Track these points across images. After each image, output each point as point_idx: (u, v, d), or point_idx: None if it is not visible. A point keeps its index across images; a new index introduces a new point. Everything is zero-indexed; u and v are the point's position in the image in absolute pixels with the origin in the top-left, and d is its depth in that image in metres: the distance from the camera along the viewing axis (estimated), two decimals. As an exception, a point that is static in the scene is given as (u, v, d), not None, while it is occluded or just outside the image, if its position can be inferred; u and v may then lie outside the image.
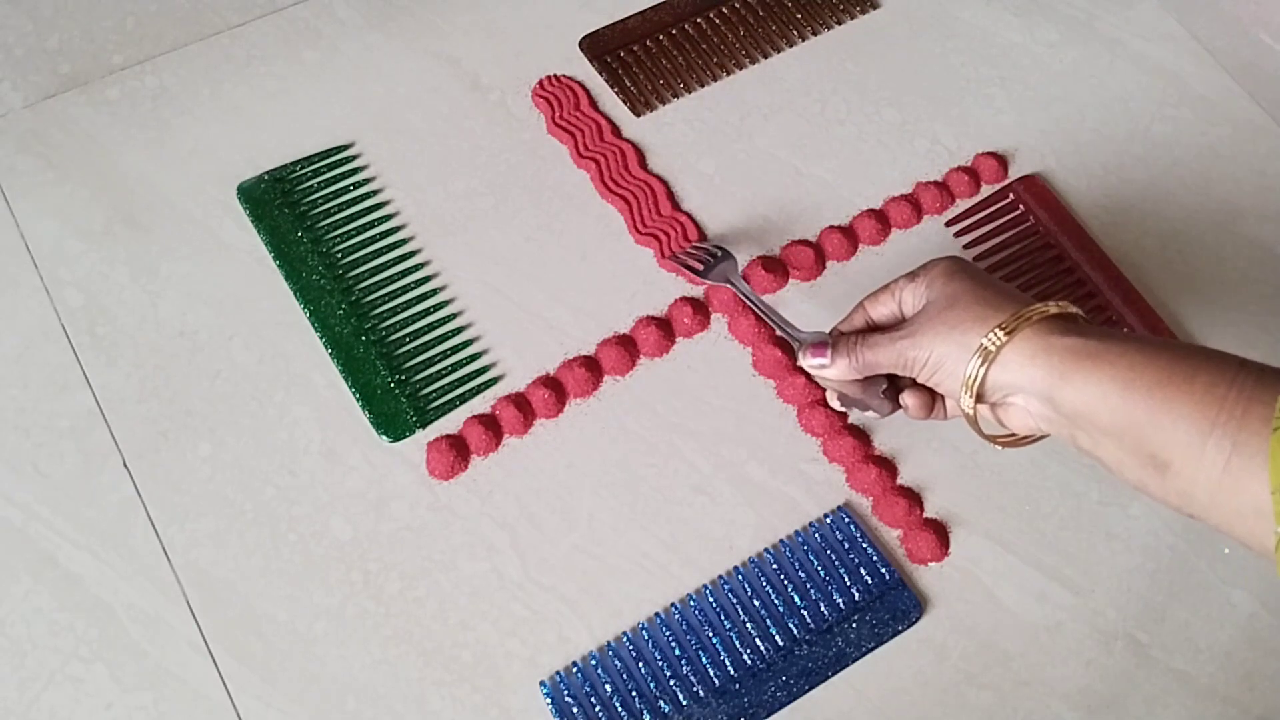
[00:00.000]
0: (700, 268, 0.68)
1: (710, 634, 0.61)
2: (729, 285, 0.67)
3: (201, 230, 0.70)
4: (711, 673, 0.60)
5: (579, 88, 0.77)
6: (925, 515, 0.65)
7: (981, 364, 0.52)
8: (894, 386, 0.59)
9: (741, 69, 0.79)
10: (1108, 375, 0.48)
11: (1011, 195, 0.75)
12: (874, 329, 0.58)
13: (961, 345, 0.53)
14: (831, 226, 0.73)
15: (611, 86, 0.77)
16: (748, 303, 0.65)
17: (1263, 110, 0.80)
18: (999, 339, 0.51)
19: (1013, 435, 0.55)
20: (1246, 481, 0.44)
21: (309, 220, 0.70)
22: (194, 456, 0.63)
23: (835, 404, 0.60)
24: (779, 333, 0.65)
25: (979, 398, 0.53)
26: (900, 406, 0.58)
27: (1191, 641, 0.63)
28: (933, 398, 0.58)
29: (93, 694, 0.57)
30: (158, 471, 0.63)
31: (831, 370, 0.58)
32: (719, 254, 0.68)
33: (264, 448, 0.64)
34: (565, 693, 0.59)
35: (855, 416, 0.63)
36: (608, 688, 0.59)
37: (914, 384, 0.58)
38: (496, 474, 0.64)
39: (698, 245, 0.71)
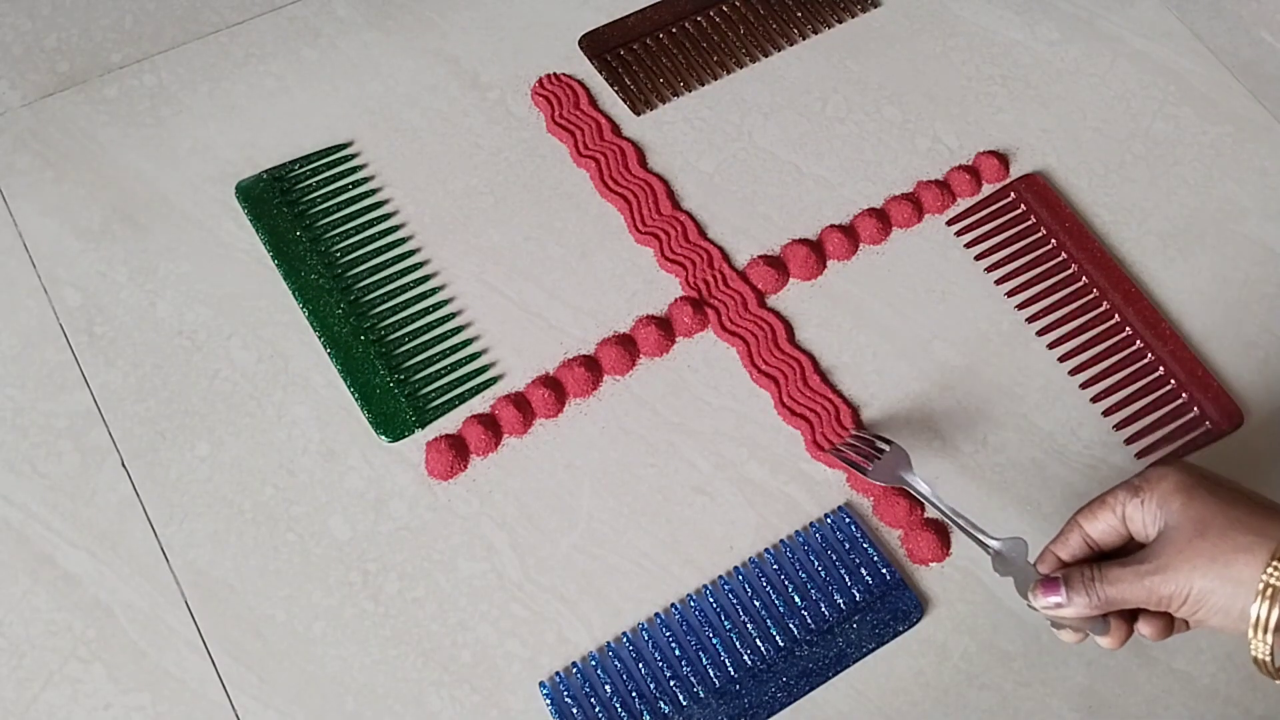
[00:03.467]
0: (867, 466, 0.61)
1: (710, 634, 0.60)
2: (906, 487, 0.60)
3: (200, 229, 0.70)
4: (711, 673, 0.59)
5: (579, 86, 0.77)
6: (926, 515, 0.65)
7: (1270, 605, 0.47)
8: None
9: (742, 67, 0.79)
10: None
11: (1013, 194, 0.75)
12: (1096, 551, 0.53)
13: (1228, 580, 0.48)
14: (832, 225, 0.73)
15: (611, 85, 0.77)
16: (929, 504, 0.59)
17: (1264, 109, 0.80)
18: None
19: None
20: None
21: (308, 219, 0.70)
22: (192, 456, 0.63)
23: (1063, 636, 0.55)
24: (965, 534, 0.57)
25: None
26: (1132, 630, 0.53)
27: (1193, 642, 0.63)
28: (1171, 620, 0.52)
29: (91, 694, 0.57)
30: (156, 471, 0.63)
31: (1068, 610, 0.52)
32: (886, 447, 0.62)
33: (262, 447, 0.64)
34: (565, 693, 0.59)
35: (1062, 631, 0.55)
36: (607, 688, 0.59)
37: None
38: (496, 474, 0.64)
39: (858, 435, 0.64)
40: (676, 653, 0.60)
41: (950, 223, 0.74)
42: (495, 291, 0.70)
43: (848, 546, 0.63)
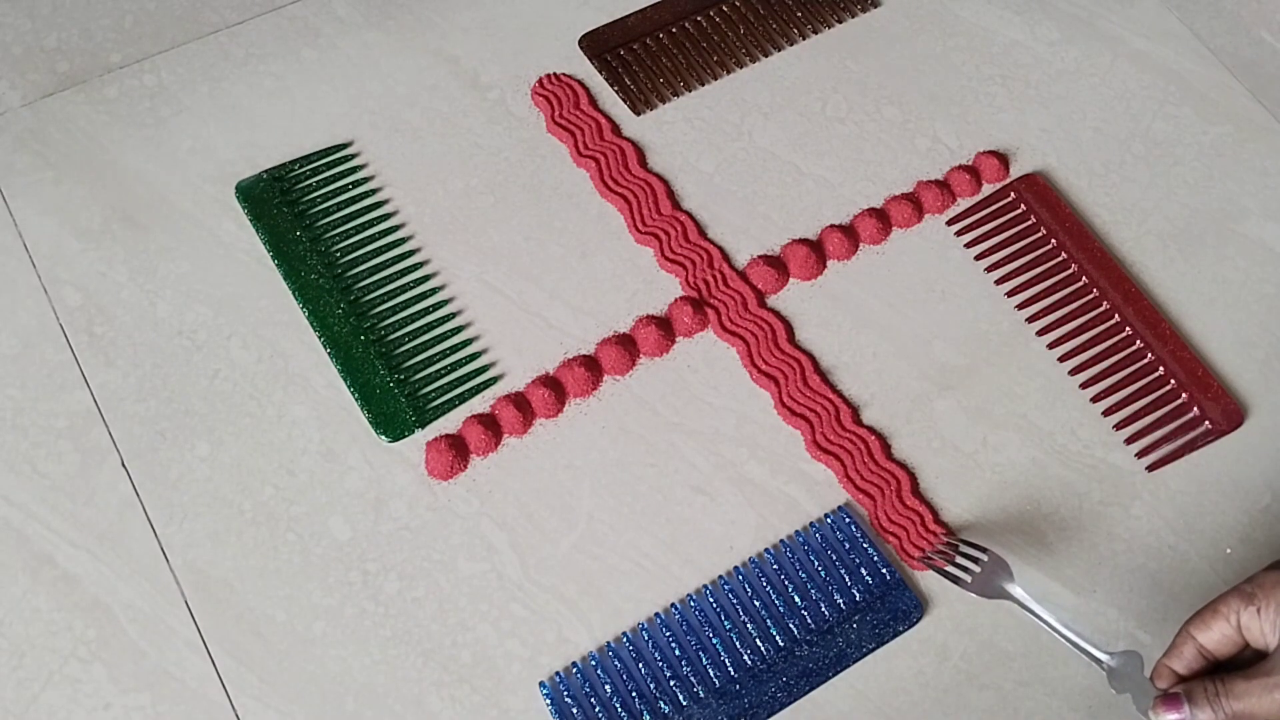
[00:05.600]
0: (965, 579, 0.59)
1: (710, 634, 0.60)
2: (1010, 600, 0.58)
3: (200, 229, 0.70)
4: (711, 673, 0.59)
5: (578, 86, 0.77)
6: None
7: None
8: None
9: (742, 67, 0.79)
10: None
11: (1013, 194, 0.75)
12: (1212, 662, 0.52)
13: None
14: (832, 225, 0.73)
15: (611, 85, 0.77)
16: (1035, 617, 0.57)
17: (1264, 109, 0.80)
18: None
19: None
20: None
21: (308, 219, 0.70)
22: (192, 456, 0.63)
23: None
24: (1074, 648, 0.56)
25: None
26: None
27: (1193, 642, 0.63)
28: None
29: (91, 694, 0.57)
30: (156, 471, 0.63)
31: None
32: (984, 557, 0.59)
33: (262, 447, 0.64)
34: (565, 693, 0.59)
35: None
36: (607, 688, 0.59)
37: None
38: (496, 474, 0.64)
39: (949, 542, 0.62)
40: (676, 653, 0.60)
41: (950, 223, 0.74)
42: (495, 291, 0.70)
43: (848, 546, 0.63)
